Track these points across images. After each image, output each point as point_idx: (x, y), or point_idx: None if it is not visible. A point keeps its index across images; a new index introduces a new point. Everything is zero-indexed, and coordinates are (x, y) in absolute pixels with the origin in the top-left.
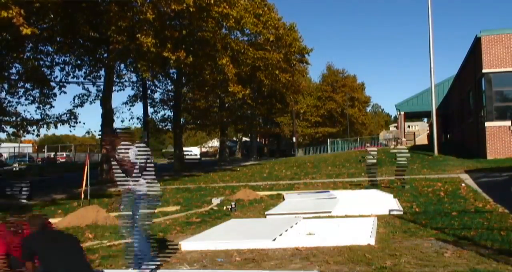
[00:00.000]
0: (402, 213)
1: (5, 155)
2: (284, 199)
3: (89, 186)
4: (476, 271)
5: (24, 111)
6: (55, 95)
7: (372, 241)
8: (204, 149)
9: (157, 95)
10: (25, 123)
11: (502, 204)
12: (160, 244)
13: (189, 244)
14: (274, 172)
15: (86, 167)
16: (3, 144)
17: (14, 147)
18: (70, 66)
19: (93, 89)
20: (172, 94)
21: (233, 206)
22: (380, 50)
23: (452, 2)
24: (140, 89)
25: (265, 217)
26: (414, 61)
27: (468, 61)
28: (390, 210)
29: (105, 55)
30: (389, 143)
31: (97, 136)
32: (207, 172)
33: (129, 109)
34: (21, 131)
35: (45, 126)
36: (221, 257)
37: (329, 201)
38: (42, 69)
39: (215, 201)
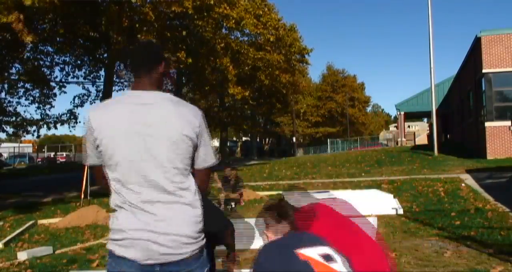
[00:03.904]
0: (402, 213)
1: (5, 155)
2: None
3: (89, 186)
4: (476, 271)
5: (24, 111)
6: (55, 95)
7: None
8: None
9: None
10: (25, 123)
11: (502, 204)
12: None
13: None
14: (274, 172)
15: (86, 167)
16: (3, 144)
17: (14, 147)
18: (70, 66)
19: (93, 89)
20: (172, 94)
21: (233, 206)
22: (380, 50)
23: (452, 2)
24: None
25: None
26: (414, 61)
27: (468, 61)
28: (392, 209)
29: (105, 55)
30: (389, 143)
31: None
32: None
33: None
34: (21, 131)
35: (45, 126)
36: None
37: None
38: (42, 69)
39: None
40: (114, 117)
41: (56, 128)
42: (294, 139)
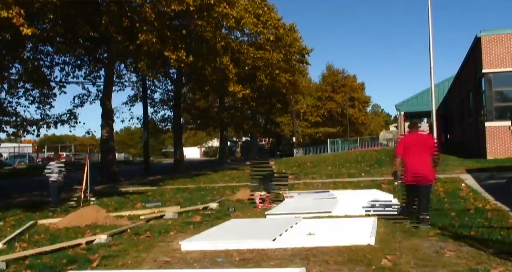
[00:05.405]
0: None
1: (5, 155)
2: (284, 199)
3: (89, 186)
4: (476, 271)
5: (24, 111)
6: (55, 95)
7: (372, 241)
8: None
9: (157, 95)
10: (25, 123)
11: (502, 204)
12: (160, 244)
13: (189, 244)
14: None
15: (86, 167)
16: (3, 144)
17: (14, 147)
18: (70, 66)
19: (93, 89)
20: (172, 94)
21: (233, 209)
22: (380, 50)
23: (452, 2)
24: (140, 89)
25: (265, 217)
26: (414, 61)
27: (468, 61)
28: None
29: (105, 55)
30: (389, 143)
31: (97, 136)
32: (207, 172)
33: (129, 109)
34: (21, 131)
35: (45, 126)
36: (221, 257)
37: (329, 201)
38: (42, 69)
39: (213, 205)
40: None
41: (56, 128)
42: (294, 139)
